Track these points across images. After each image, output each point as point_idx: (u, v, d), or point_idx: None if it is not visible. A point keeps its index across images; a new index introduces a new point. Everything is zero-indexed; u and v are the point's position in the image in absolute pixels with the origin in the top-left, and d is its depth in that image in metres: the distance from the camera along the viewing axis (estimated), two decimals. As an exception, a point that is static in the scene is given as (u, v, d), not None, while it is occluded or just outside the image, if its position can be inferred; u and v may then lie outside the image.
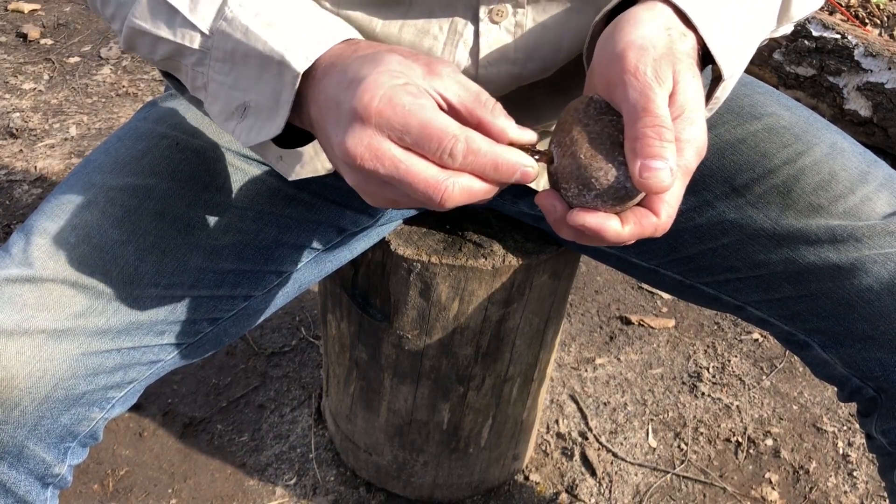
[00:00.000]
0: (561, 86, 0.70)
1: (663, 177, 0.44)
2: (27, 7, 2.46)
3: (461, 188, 0.45)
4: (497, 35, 0.64)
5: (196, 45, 0.54)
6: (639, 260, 0.79)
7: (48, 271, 0.62)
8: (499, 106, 0.48)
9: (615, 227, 0.47)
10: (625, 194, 0.47)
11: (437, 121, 0.45)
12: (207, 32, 0.54)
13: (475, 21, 0.63)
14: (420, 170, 0.45)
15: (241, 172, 0.72)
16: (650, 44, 0.48)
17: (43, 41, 2.31)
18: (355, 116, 0.45)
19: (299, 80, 0.50)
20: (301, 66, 0.49)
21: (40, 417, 0.62)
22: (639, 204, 0.48)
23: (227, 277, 0.70)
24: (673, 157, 0.45)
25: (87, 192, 0.67)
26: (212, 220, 0.70)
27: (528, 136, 0.48)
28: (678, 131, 0.47)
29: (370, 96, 0.44)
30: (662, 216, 0.47)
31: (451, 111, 0.47)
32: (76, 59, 2.24)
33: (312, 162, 0.66)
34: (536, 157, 0.48)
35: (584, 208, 0.47)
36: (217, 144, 0.72)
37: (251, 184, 0.72)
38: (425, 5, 0.63)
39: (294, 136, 0.58)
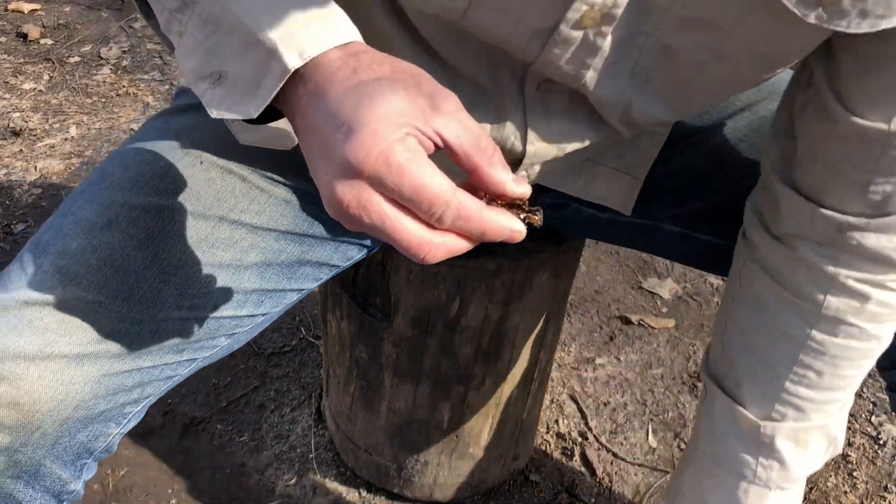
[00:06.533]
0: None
1: None
2: (27, 7, 2.46)
3: (445, 249, 0.44)
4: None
5: None
6: (671, 225, 0.80)
7: (70, 295, 0.61)
8: (498, 153, 0.46)
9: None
10: None
11: (431, 185, 0.42)
12: None
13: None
14: (406, 227, 0.43)
15: (265, 194, 0.70)
16: None
17: (43, 41, 2.32)
18: (348, 168, 0.42)
19: (288, 75, 0.47)
20: (294, 63, 0.46)
21: (59, 437, 0.61)
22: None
23: (250, 297, 0.69)
24: None
25: (107, 210, 0.65)
26: (235, 240, 0.68)
27: (522, 189, 0.46)
28: None
29: (366, 153, 0.42)
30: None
31: (449, 151, 0.45)
32: (76, 59, 2.24)
33: (280, 138, 0.61)
34: (524, 216, 0.46)
35: None
36: (241, 165, 0.70)
37: (275, 205, 0.70)
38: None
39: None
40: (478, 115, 0.63)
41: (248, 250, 0.68)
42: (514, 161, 0.67)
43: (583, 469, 1.26)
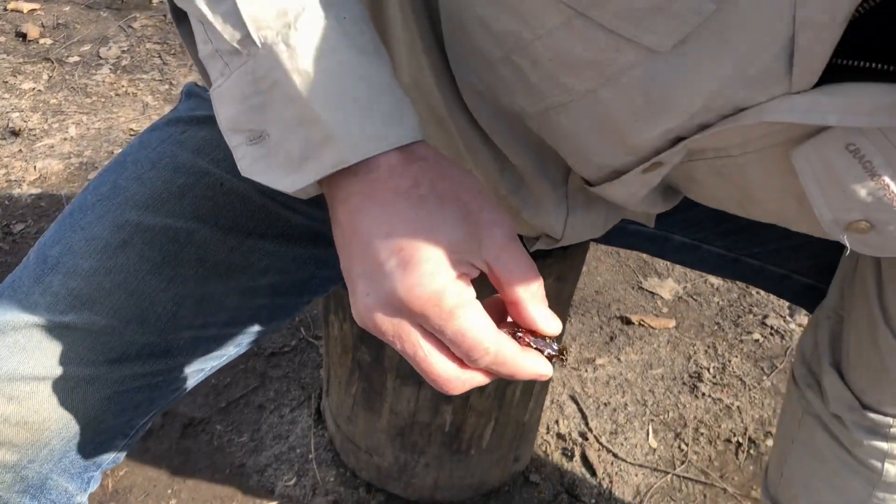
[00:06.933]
0: None
1: None
2: (27, 7, 2.45)
3: (470, 384, 0.44)
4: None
5: (232, 42, 0.43)
6: (682, 236, 0.79)
7: (82, 319, 0.60)
8: (541, 289, 0.45)
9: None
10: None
11: (474, 333, 0.42)
12: (258, 42, 0.42)
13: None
14: (437, 364, 0.43)
15: (283, 220, 0.69)
16: None
17: (42, 41, 2.31)
18: (396, 303, 0.41)
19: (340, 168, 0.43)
20: (350, 158, 0.42)
21: (66, 451, 0.61)
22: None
23: (262, 313, 0.69)
24: None
25: (121, 230, 0.63)
26: (252, 262, 0.67)
27: (554, 328, 0.46)
28: None
29: (418, 294, 0.41)
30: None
31: (494, 281, 0.44)
32: (75, 58, 2.24)
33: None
34: (554, 351, 0.46)
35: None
36: (262, 190, 0.67)
37: (294, 229, 0.69)
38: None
39: None
40: (518, 200, 0.64)
41: (264, 271, 0.68)
42: (550, 241, 0.69)
43: (583, 469, 1.26)
